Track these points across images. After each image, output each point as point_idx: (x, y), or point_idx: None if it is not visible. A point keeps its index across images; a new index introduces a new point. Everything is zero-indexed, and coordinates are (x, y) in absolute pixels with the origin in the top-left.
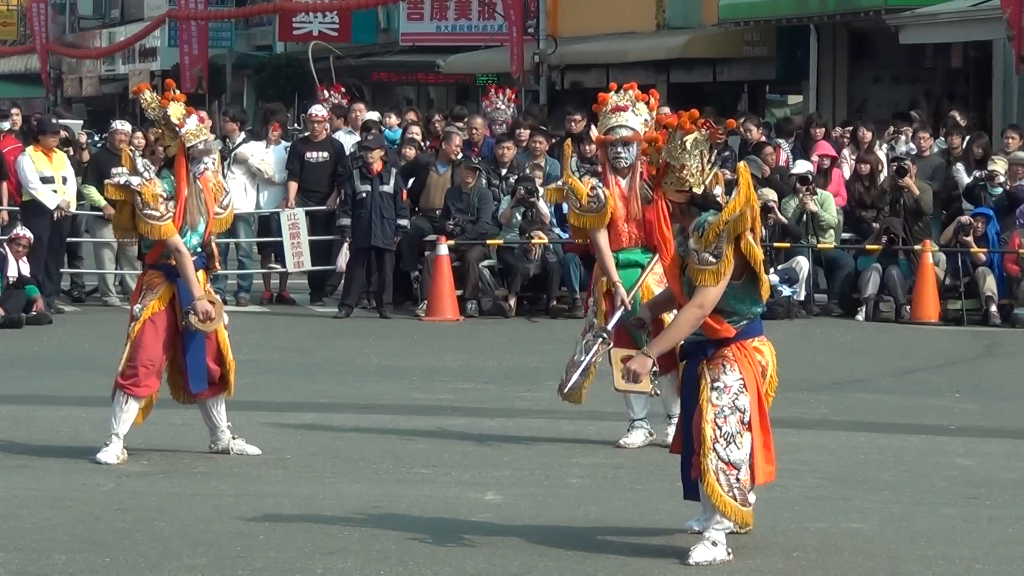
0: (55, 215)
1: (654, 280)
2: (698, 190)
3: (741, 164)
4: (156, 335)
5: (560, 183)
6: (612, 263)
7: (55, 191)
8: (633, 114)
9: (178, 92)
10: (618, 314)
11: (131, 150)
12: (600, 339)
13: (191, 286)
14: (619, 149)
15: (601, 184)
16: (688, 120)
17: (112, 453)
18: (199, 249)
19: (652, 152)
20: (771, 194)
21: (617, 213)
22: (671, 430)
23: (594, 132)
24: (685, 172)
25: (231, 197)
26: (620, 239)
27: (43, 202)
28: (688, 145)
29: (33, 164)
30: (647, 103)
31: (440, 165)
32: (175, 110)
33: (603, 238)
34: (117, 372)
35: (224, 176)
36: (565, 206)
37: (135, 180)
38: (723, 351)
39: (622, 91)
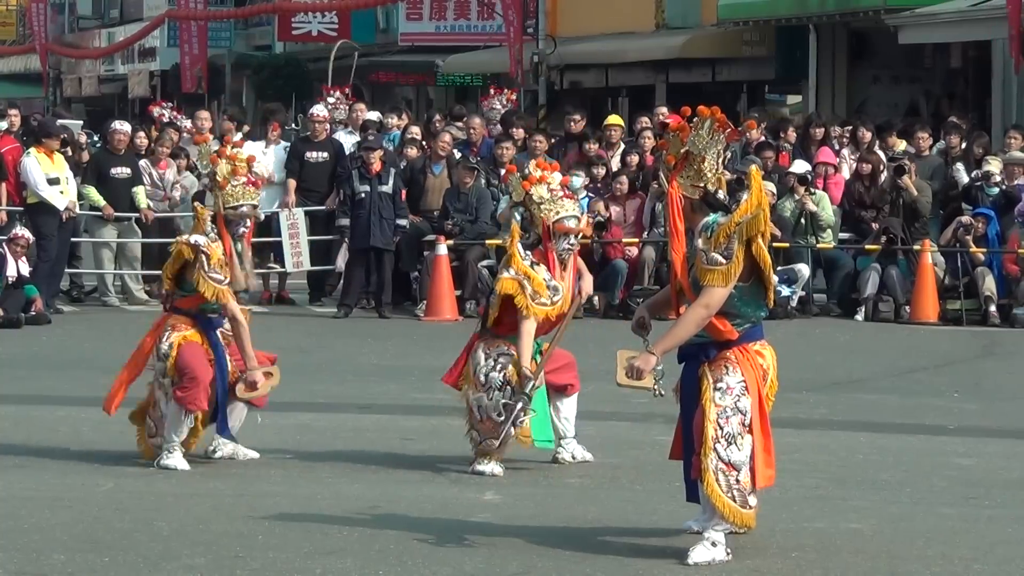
0: (63, 216)
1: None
2: (711, 188)
3: (753, 167)
4: (196, 353)
5: (513, 273)
6: (530, 351)
7: (61, 192)
8: (575, 204)
9: (237, 152)
10: (533, 380)
11: (205, 209)
12: (519, 403)
13: (247, 356)
14: (572, 240)
15: (550, 277)
16: (718, 111)
17: (178, 458)
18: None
19: (674, 141)
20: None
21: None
22: (565, 451)
23: (546, 217)
24: (706, 165)
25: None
26: (542, 327)
27: (53, 204)
28: (715, 135)
29: (40, 166)
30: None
31: (435, 166)
32: (222, 168)
33: (534, 327)
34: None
35: None
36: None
37: (202, 240)
38: (725, 353)
39: (548, 174)
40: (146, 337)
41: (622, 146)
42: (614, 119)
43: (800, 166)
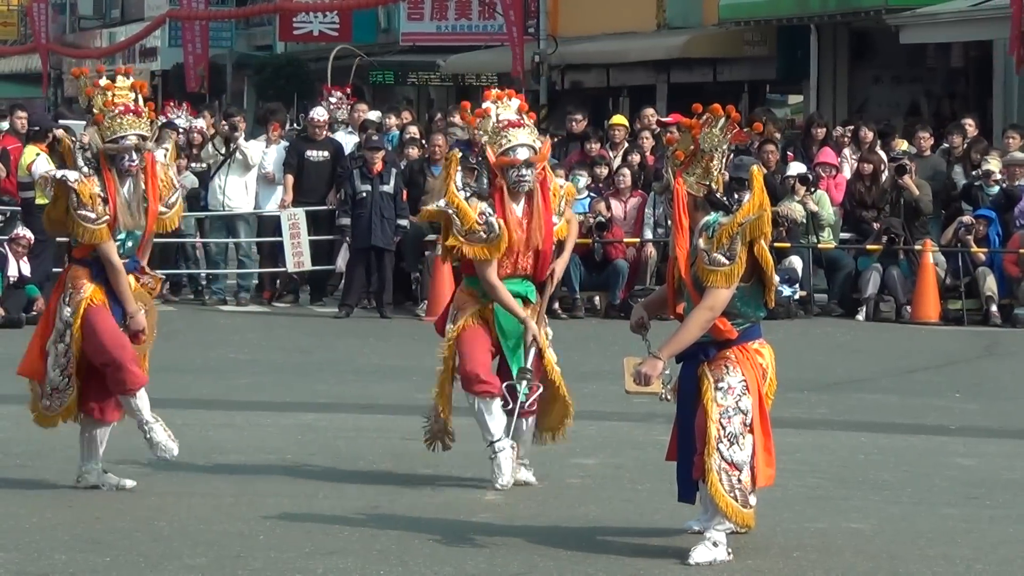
0: None
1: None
2: (714, 186)
3: (754, 167)
4: (104, 324)
5: (442, 203)
6: (511, 299)
7: None
8: (529, 130)
9: (112, 80)
10: (532, 351)
11: (72, 141)
12: (525, 380)
13: (125, 301)
14: (524, 171)
15: (493, 211)
16: (733, 110)
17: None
18: (134, 252)
19: (685, 138)
20: (799, 211)
21: (512, 243)
22: (515, 470)
23: (490, 154)
24: (713, 164)
25: (179, 195)
26: (504, 268)
27: None
28: (726, 134)
29: (50, 166)
30: (526, 112)
31: (434, 167)
32: (97, 101)
33: (493, 271)
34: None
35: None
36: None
37: (72, 175)
38: (725, 353)
39: (505, 101)
40: (52, 295)
41: (626, 146)
42: (619, 119)
43: (795, 168)
